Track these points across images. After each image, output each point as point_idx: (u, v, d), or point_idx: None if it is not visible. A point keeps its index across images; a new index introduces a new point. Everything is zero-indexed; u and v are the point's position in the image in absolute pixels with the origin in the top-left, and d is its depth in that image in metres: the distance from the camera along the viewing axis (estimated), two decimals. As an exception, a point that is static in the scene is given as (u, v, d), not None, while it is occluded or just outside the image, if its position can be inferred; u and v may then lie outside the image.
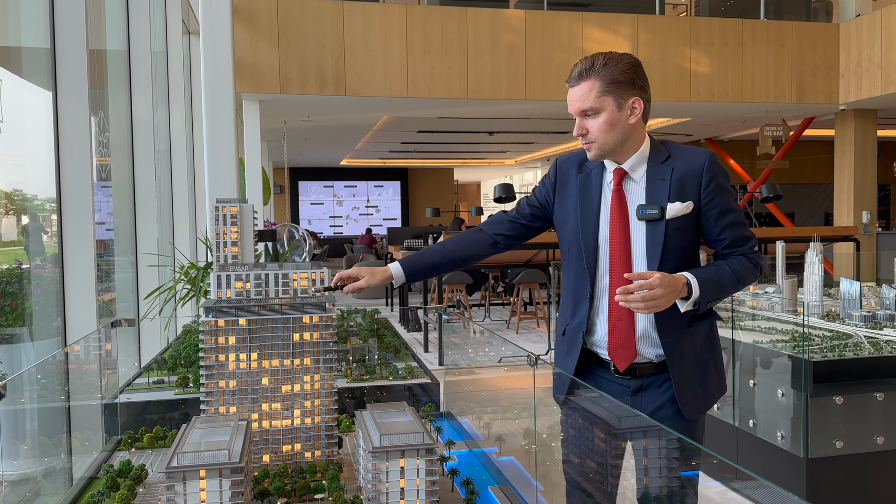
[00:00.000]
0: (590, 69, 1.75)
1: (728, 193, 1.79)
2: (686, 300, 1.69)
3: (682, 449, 1.48)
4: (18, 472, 1.66)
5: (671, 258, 1.76)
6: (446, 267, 1.96)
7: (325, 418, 1.60)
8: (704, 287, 1.69)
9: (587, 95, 1.75)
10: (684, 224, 1.76)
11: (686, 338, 1.79)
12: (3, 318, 3.34)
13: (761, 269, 1.84)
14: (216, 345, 1.52)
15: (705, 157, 1.79)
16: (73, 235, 3.19)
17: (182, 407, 2.21)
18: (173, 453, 1.20)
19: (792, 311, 3.94)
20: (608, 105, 1.75)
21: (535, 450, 1.67)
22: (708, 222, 1.78)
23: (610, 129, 1.75)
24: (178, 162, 5.93)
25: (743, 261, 1.79)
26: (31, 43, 3.31)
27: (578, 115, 1.79)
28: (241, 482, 1.17)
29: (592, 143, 1.78)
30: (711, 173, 1.76)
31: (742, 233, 1.80)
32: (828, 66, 9.19)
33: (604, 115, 1.75)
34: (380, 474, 1.29)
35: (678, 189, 1.75)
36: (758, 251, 1.83)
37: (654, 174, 1.78)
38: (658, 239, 1.75)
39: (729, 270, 1.76)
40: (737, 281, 1.77)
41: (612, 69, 1.74)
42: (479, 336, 6.21)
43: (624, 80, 1.74)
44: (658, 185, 1.77)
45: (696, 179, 1.76)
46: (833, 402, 2.87)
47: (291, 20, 7.95)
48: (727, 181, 1.80)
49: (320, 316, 1.62)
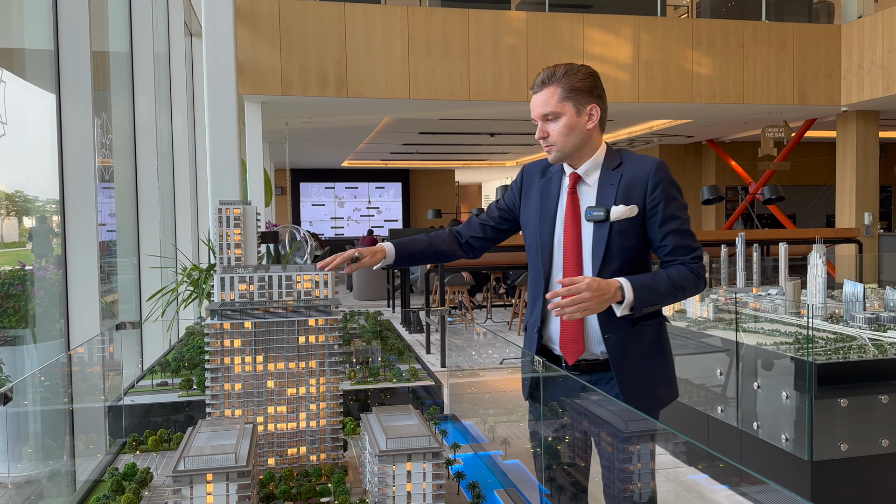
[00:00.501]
0: (552, 77, 1.89)
1: (674, 201, 1.88)
2: (621, 304, 1.79)
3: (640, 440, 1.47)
4: (23, 474, 1.66)
5: (615, 259, 1.87)
6: (430, 258, 2.13)
7: (330, 421, 1.60)
8: (638, 291, 1.79)
9: (549, 101, 1.88)
10: (630, 227, 1.87)
11: (630, 337, 1.88)
12: (6, 321, 3.34)
13: (706, 282, 1.92)
14: (222, 347, 1.52)
15: (653, 164, 1.90)
16: (77, 237, 3.19)
17: (186, 409, 2.21)
18: (179, 457, 1.20)
19: (795, 313, 3.94)
20: (568, 110, 1.88)
21: (541, 453, 1.67)
22: (652, 228, 1.89)
23: (569, 132, 1.89)
24: (181, 163, 5.93)
25: (683, 270, 1.87)
26: (35, 45, 3.31)
27: (540, 119, 1.92)
28: (248, 486, 1.17)
29: (552, 145, 1.91)
30: (657, 179, 1.87)
31: (685, 242, 1.88)
32: (829, 68, 9.19)
33: (563, 120, 1.88)
34: (386, 478, 1.29)
35: (625, 193, 1.88)
36: (701, 263, 1.90)
37: (605, 179, 1.91)
38: (602, 239, 1.87)
39: (666, 278, 1.84)
40: (674, 289, 1.84)
41: (572, 78, 1.88)
42: (482, 338, 6.20)
43: (583, 88, 1.88)
44: (607, 190, 1.90)
45: (643, 185, 1.88)
46: (837, 404, 2.87)
47: (293, 22, 7.96)
48: (675, 190, 1.90)
49: (326, 318, 1.61)
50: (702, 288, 1.92)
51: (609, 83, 8.64)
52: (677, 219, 1.87)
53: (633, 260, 1.89)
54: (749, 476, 1.25)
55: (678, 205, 1.89)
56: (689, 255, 1.88)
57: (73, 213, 3.19)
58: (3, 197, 3.56)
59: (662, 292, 1.83)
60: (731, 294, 4.51)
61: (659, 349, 1.96)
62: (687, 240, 1.89)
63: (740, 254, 5.07)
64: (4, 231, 3.62)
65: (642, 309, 1.81)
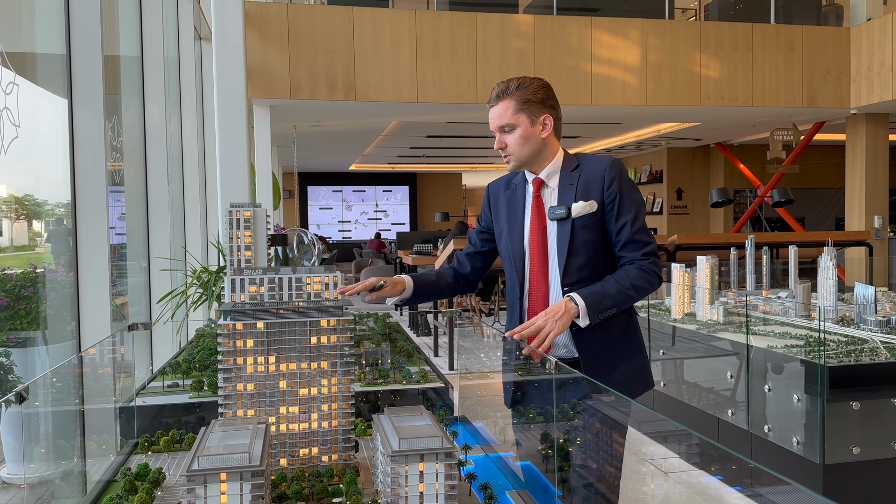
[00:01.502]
0: (506, 91, 1.99)
1: (629, 197, 1.98)
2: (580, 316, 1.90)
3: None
4: (35, 475, 1.66)
5: (580, 252, 1.97)
6: (440, 294, 2.24)
7: (342, 422, 1.60)
8: (587, 299, 1.89)
9: (504, 113, 1.99)
10: (591, 222, 1.97)
11: (600, 332, 1.95)
12: (17, 322, 3.36)
13: (660, 278, 2.00)
14: (234, 348, 1.52)
15: (607, 162, 2.01)
16: (88, 240, 3.21)
17: (197, 410, 2.22)
18: (193, 456, 1.20)
19: (806, 315, 3.92)
20: (522, 121, 1.99)
21: (553, 454, 1.66)
22: (609, 222, 1.98)
23: (525, 142, 1.99)
24: (190, 167, 5.96)
25: (632, 270, 1.95)
26: (47, 49, 3.34)
27: (498, 130, 2.02)
28: (262, 485, 1.17)
29: (510, 155, 2.02)
30: (612, 176, 1.97)
31: (637, 237, 1.97)
32: (839, 71, 9.15)
33: (519, 130, 1.99)
34: (399, 478, 1.29)
35: (584, 191, 1.98)
36: (653, 259, 1.98)
37: (565, 180, 2.02)
38: (566, 236, 1.97)
39: (614, 281, 1.94)
40: (625, 289, 1.92)
41: (524, 91, 1.98)
42: (491, 340, 6.19)
43: (535, 99, 1.99)
44: (567, 190, 2.00)
45: (599, 182, 1.98)
46: (849, 407, 2.85)
47: (302, 26, 7.99)
48: (630, 186, 2.00)
49: (337, 319, 1.62)
50: (656, 284, 2.00)
51: (617, 86, 8.64)
52: (630, 213, 1.96)
53: (597, 253, 1.99)
54: (762, 478, 1.24)
55: (632, 200, 1.98)
56: (640, 251, 1.97)
57: (84, 216, 3.21)
58: (14, 200, 3.59)
59: (613, 294, 1.91)
60: (741, 297, 4.49)
61: (629, 341, 2.04)
62: (640, 235, 1.97)
63: (750, 257, 5.05)
64: (14, 234, 3.64)
65: (598, 315, 1.90)
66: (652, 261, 1.97)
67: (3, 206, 3.47)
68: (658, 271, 1.98)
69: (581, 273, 1.97)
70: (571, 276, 1.97)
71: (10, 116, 2.48)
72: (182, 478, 1.17)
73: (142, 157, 4.74)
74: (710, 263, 4.17)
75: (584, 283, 1.97)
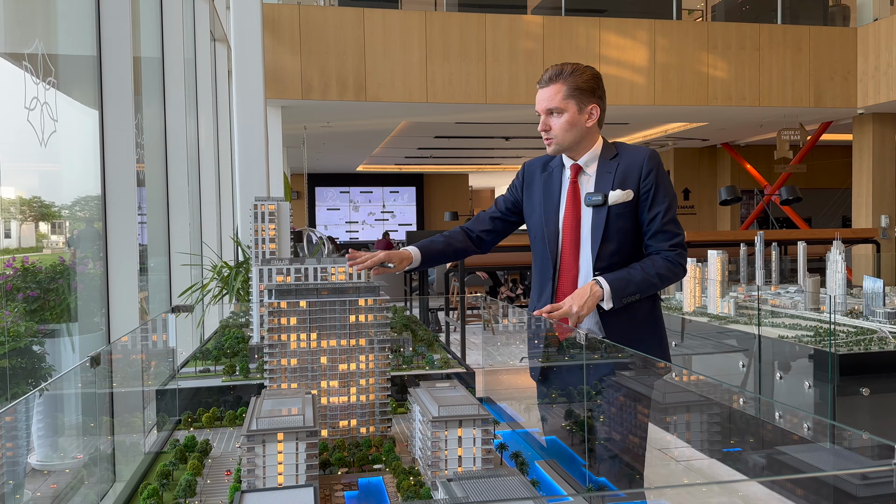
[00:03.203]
0: (559, 75, 2.03)
1: (663, 189, 2.03)
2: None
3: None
4: (91, 448, 1.76)
5: (613, 239, 2.03)
6: (449, 256, 2.28)
7: (378, 396, 1.69)
8: (612, 283, 1.97)
9: (554, 97, 2.03)
10: (625, 210, 2.02)
11: (624, 315, 2.01)
12: (47, 314, 3.47)
13: (684, 269, 2.07)
14: (279, 325, 1.62)
15: (646, 153, 2.05)
16: (117, 236, 3.31)
17: (231, 392, 2.31)
18: (251, 418, 1.29)
19: (815, 308, 3.99)
20: (571, 107, 2.03)
21: (581, 431, 1.75)
22: (642, 212, 2.04)
23: (570, 128, 2.03)
24: (207, 166, 6.07)
25: (657, 260, 2.02)
26: (79, 51, 3.44)
27: (544, 113, 2.06)
28: (316, 445, 1.26)
29: (552, 139, 2.06)
30: (650, 167, 2.02)
31: (667, 227, 2.02)
32: (845, 70, 9.20)
33: (566, 116, 2.03)
34: (439, 442, 1.38)
35: (621, 180, 2.03)
36: (679, 251, 2.04)
37: (603, 168, 2.07)
38: (601, 222, 2.02)
39: (640, 268, 2.01)
40: (649, 277, 1.99)
41: (577, 77, 2.03)
42: (501, 336, 6.27)
43: (586, 88, 2.03)
44: (605, 178, 2.05)
45: (637, 172, 2.03)
46: (859, 394, 2.92)
47: (313, 27, 8.10)
48: (665, 179, 2.05)
49: (374, 299, 1.71)
50: (681, 275, 2.06)
51: (625, 86, 8.72)
52: (663, 204, 2.02)
53: (628, 241, 2.04)
54: (780, 441, 1.33)
55: (665, 192, 2.03)
56: (668, 242, 2.03)
57: (113, 212, 3.31)
58: (40, 203, 3.68)
59: (638, 281, 1.98)
60: (751, 292, 4.57)
61: (652, 325, 2.11)
62: (670, 226, 2.03)
63: (759, 253, 5.13)
64: (52, 237, 3.74)
65: (622, 299, 1.98)
66: (679, 252, 2.03)
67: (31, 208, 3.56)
68: (683, 262, 2.05)
69: (612, 259, 2.03)
70: (603, 260, 2.03)
71: (49, 111, 2.59)
72: (243, 437, 1.26)
73: (162, 157, 4.84)
74: (720, 258, 4.25)
75: (613, 268, 2.02)
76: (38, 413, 2.41)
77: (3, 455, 1.16)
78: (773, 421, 1.40)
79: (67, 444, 1.72)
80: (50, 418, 2.33)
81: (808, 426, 1.53)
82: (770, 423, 1.32)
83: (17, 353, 3.00)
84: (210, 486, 1.46)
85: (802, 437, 1.28)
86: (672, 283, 2.09)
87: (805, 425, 1.65)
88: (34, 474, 2.28)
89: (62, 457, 1.60)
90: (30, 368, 3.05)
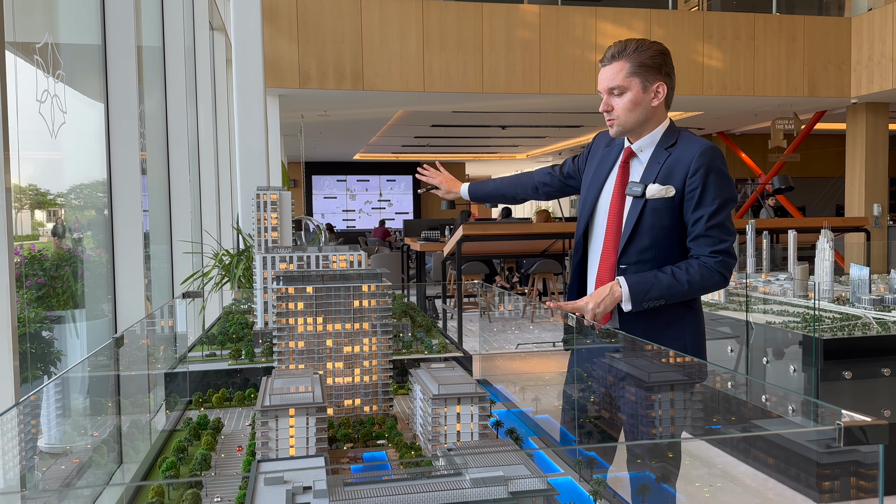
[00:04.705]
0: (622, 51, 1.90)
1: (714, 190, 1.85)
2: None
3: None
4: (109, 426, 1.85)
5: (645, 235, 1.90)
6: (500, 197, 2.28)
7: (381, 376, 1.79)
8: (634, 287, 1.86)
9: (616, 75, 1.90)
10: (664, 206, 1.88)
11: (644, 316, 1.91)
12: (54, 300, 3.55)
13: (725, 279, 1.87)
14: (287, 309, 1.71)
15: (700, 147, 1.88)
16: (123, 224, 3.39)
17: (238, 375, 2.40)
18: (264, 395, 1.38)
19: (803, 295, 4.10)
20: (634, 86, 1.90)
21: (572, 407, 1.85)
22: (686, 212, 1.88)
23: (633, 108, 1.90)
24: (205, 155, 6.13)
25: (693, 265, 1.86)
26: (84, 41, 3.50)
27: (606, 92, 1.93)
28: (325, 419, 1.36)
29: (615, 119, 1.94)
30: (699, 164, 1.86)
31: (710, 232, 1.85)
32: (840, 60, 9.28)
33: (629, 95, 1.90)
34: (439, 418, 1.47)
35: (667, 174, 1.89)
36: (722, 258, 1.86)
37: (656, 157, 1.93)
38: (635, 214, 1.90)
39: (670, 273, 1.85)
40: (679, 282, 1.84)
41: (642, 54, 1.90)
42: (497, 323, 6.38)
43: (652, 65, 1.90)
44: (653, 167, 1.91)
45: (685, 168, 1.87)
46: (842, 377, 3.03)
47: (311, 16, 8.13)
48: (719, 178, 1.86)
49: (377, 285, 1.79)
50: (720, 284, 1.88)
51: (621, 76, 8.78)
52: (710, 206, 1.85)
53: (664, 239, 1.90)
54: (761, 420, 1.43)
55: (717, 193, 1.85)
56: (709, 248, 1.86)
57: (119, 201, 3.39)
58: (45, 193, 3.74)
59: (664, 286, 1.84)
60: (741, 279, 4.67)
61: (675, 333, 1.96)
62: (714, 230, 1.86)
63: (750, 241, 5.23)
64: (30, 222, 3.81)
65: (642, 303, 1.85)
66: (720, 260, 1.86)
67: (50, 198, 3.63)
68: (724, 271, 1.86)
69: (642, 255, 1.90)
70: (630, 255, 1.91)
71: (58, 103, 2.66)
72: (257, 414, 1.35)
73: (164, 146, 4.91)
74: (711, 246, 4.35)
75: (643, 265, 1.90)
76: (57, 395, 2.50)
77: (26, 436, 1.25)
78: (744, 397, 1.50)
79: (85, 423, 1.81)
80: (66, 399, 2.42)
81: (793, 407, 1.63)
82: (743, 398, 1.42)
83: (26, 338, 3.09)
84: (224, 461, 1.56)
85: (767, 410, 1.38)
86: (707, 292, 1.91)
87: (790, 406, 1.75)
88: (43, 456, 2.38)
89: (83, 434, 1.69)
90: (39, 353, 3.14)
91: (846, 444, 0.95)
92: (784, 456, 1.56)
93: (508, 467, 1.07)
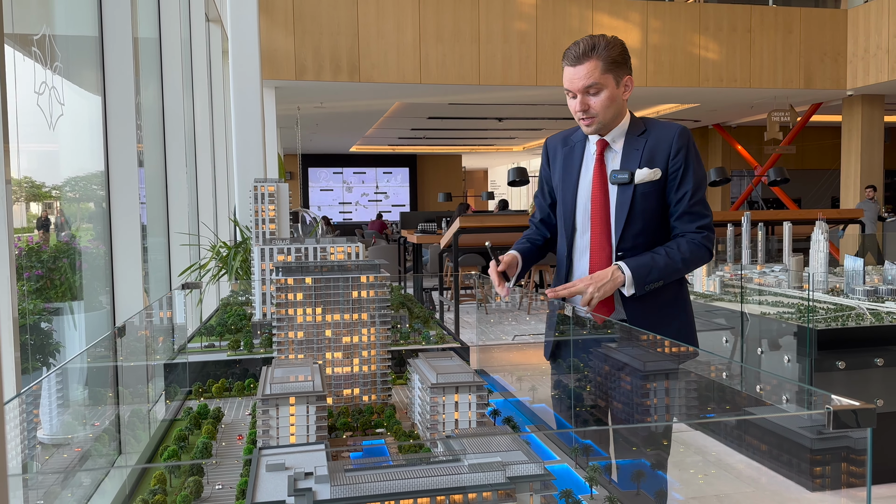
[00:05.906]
0: (593, 50, 1.93)
1: (693, 169, 1.95)
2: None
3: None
4: (104, 418, 1.87)
5: (638, 220, 1.96)
6: (538, 252, 2.24)
7: (379, 366, 1.81)
8: (636, 271, 1.91)
9: (591, 73, 1.93)
10: (652, 189, 1.95)
11: (649, 298, 1.96)
12: (52, 292, 3.56)
13: (711, 252, 1.98)
14: (286, 300, 1.72)
15: (676, 129, 1.97)
16: (121, 215, 3.40)
17: (237, 366, 2.42)
18: (264, 384, 1.40)
19: (798, 286, 4.13)
20: (610, 82, 1.94)
21: (568, 396, 1.87)
22: (670, 192, 1.97)
23: (610, 104, 1.96)
24: (203, 147, 6.13)
25: (682, 243, 1.94)
26: (81, 32, 3.49)
27: (580, 92, 1.96)
28: (325, 408, 1.37)
29: (594, 117, 1.97)
30: (680, 145, 1.95)
31: (694, 209, 1.94)
32: (835, 52, 9.30)
33: (606, 92, 1.94)
34: (437, 406, 1.49)
35: (649, 158, 1.96)
36: (706, 234, 1.96)
37: (630, 145, 1.99)
38: (626, 201, 1.96)
39: (664, 253, 1.93)
40: (673, 262, 1.92)
41: (612, 50, 1.95)
42: (493, 315, 6.41)
43: (621, 60, 1.96)
44: (632, 154, 1.97)
45: (666, 150, 1.95)
46: (836, 367, 3.06)
47: (307, 8, 8.11)
48: (696, 158, 1.97)
49: (375, 276, 1.81)
50: (706, 258, 1.98)
51: (617, 68, 8.79)
52: (690, 184, 1.94)
53: (654, 221, 1.97)
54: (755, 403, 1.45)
55: (695, 171, 1.95)
56: (694, 224, 1.95)
57: (117, 193, 3.40)
58: (40, 185, 3.75)
59: (662, 267, 1.91)
60: (737, 271, 4.70)
61: (677, 308, 2.04)
62: (696, 207, 1.95)
63: (746, 233, 5.25)
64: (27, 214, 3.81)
65: (644, 287, 1.90)
66: (706, 235, 1.94)
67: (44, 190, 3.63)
68: (710, 245, 1.95)
69: (636, 240, 1.95)
70: (627, 241, 1.95)
71: (56, 95, 2.66)
72: (257, 402, 1.36)
73: (160, 138, 4.90)
74: (707, 238, 4.37)
75: (638, 249, 1.95)
76: (58, 385, 2.52)
77: (28, 425, 1.27)
78: (738, 386, 1.53)
79: (86, 412, 1.83)
80: (66, 390, 2.44)
81: (787, 396, 1.66)
82: (736, 387, 1.44)
83: (25, 330, 3.10)
84: (225, 449, 1.58)
85: (759, 398, 1.40)
86: (698, 266, 2.00)
87: (784, 396, 1.78)
88: (45, 446, 2.39)
89: (84, 424, 1.71)
90: (38, 345, 3.15)
91: (835, 428, 0.98)
92: (777, 443, 1.60)
93: (506, 453, 1.09)
